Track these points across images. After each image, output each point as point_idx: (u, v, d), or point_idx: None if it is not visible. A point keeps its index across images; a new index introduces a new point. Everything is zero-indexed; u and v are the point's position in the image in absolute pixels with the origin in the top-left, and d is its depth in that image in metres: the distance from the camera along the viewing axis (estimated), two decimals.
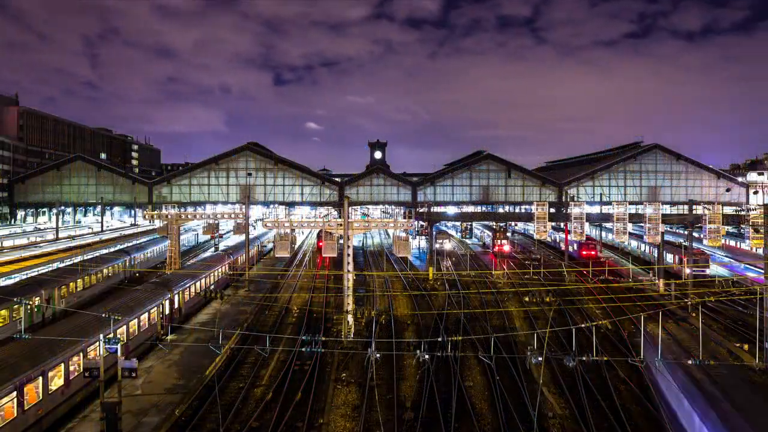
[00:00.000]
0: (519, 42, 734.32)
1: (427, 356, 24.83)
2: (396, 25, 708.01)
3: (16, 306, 36.05)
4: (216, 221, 71.43)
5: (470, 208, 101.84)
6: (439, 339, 32.09)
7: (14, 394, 21.82)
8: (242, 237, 68.23)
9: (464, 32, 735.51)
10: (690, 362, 24.66)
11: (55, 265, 51.38)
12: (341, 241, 43.77)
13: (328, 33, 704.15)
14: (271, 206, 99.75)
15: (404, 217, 71.87)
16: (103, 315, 28.27)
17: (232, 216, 65.99)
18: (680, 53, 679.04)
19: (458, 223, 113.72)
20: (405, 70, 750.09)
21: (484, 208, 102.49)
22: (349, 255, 41.11)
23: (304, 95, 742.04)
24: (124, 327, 31.71)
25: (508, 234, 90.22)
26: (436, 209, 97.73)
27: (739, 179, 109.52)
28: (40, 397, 23.64)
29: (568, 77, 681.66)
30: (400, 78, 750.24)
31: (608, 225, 67.40)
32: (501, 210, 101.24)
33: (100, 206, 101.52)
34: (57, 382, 24.99)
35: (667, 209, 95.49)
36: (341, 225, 41.85)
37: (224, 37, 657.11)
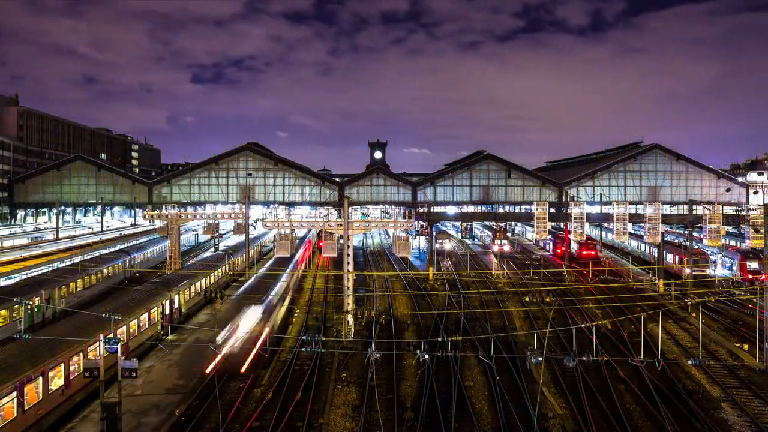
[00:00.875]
0: (415, 38, 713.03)
1: (427, 356, 24.83)
2: (280, 21, 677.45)
3: (16, 306, 36.04)
4: (216, 221, 71.41)
5: (470, 208, 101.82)
6: (439, 339, 32.09)
7: (14, 394, 21.83)
8: (242, 237, 68.21)
9: (353, 28, 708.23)
10: (690, 362, 24.66)
11: (55, 265, 51.37)
12: (341, 241, 43.78)
13: (219, 30, 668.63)
14: (271, 206, 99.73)
15: (404, 217, 71.87)
16: (103, 315, 28.26)
17: (232, 216, 65.99)
18: (576, 46, 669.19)
19: (458, 223, 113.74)
20: (315, 69, 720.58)
21: (484, 208, 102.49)
22: (349, 255, 41.11)
23: (225, 93, 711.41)
24: (124, 327, 31.71)
25: (508, 234, 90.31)
26: (436, 209, 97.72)
27: (739, 179, 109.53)
28: (40, 397, 23.64)
29: (485, 76, 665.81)
30: (311, 76, 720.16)
31: (608, 225, 67.40)
32: (501, 210, 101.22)
33: (100, 206, 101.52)
34: (57, 382, 24.98)
35: (667, 209, 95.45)
36: (341, 225, 41.86)
37: (116, 37, 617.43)
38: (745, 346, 36.45)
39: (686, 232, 61.34)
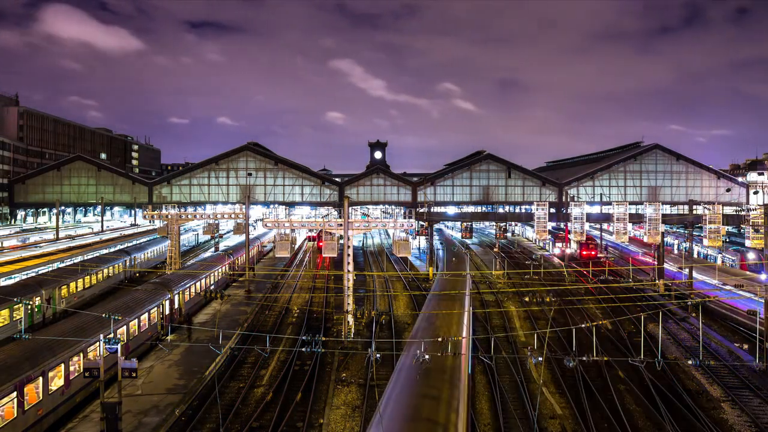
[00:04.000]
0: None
1: (427, 356, 24.77)
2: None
3: (16, 306, 36.05)
4: (216, 221, 71.36)
5: (470, 208, 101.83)
6: (440, 339, 32.03)
7: (14, 394, 21.83)
8: (242, 237, 68.17)
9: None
10: (690, 362, 24.66)
11: (55, 265, 51.38)
12: (341, 242, 43.79)
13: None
14: (271, 206, 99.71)
15: (404, 217, 71.85)
16: (104, 315, 28.28)
17: (232, 216, 65.99)
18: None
19: (458, 223, 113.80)
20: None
21: (484, 208, 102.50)
22: (349, 255, 41.11)
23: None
24: (125, 327, 31.72)
25: (508, 234, 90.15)
26: (436, 209, 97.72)
27: (739, 179, 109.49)
28: (41, 398, 23.64)
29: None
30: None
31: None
32: (501, 210, 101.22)
33: (100, 206, 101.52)
34: (57, 382, 24.99)
35: (667, 209, 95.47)
36: (341, 225, 41.85)
37: None
38: (745, 346, 36.45)
39: (686, 232, 61.31)
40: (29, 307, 37.79)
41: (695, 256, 67.75)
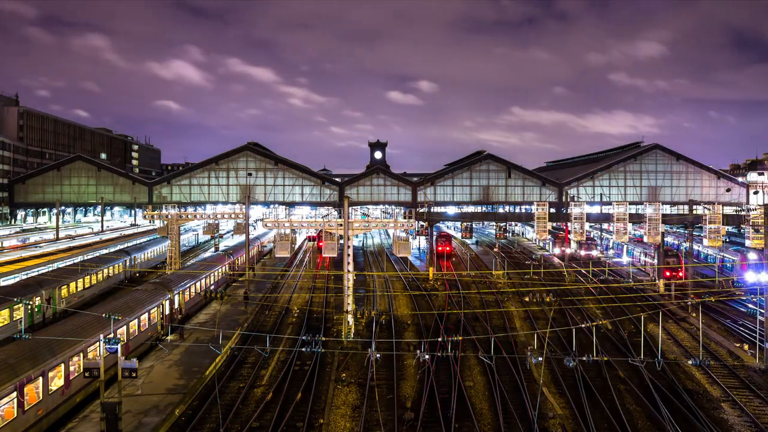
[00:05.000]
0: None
1: (427, 356, 24.82)
2: None
3: (16, 306, 36.05)
4: (216, 221, 71.35)
5: (470, 208, 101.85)
6: (439, 339, 32.09)
7: (14, 394, 21.83)
8: (242, 237, 68.16)
9: None
10: (690, 362, 24.66)
11: (55, 265, 51.35)
12: (341, 241, 43.80)
13: None
14: (272, 206, 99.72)
15: (404, 217, 71.83)
16: (103, 315, 28.28)
17: (232, 216, 66.00)
18: None
19: (458, 223, 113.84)
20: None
21: (484, 208, 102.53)
22: (349, 255, 41.11)
23: None
24: (125, 327, 31.71)
25: (507, 235, 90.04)
26: (436, 209, 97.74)
27: (739, 179, 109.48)
28: (41, 398, 23.64)
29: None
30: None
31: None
32: (501, 210, 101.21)
33: (100, 206, 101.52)
34: (57, 382, 24.98)
35: (667, 209, 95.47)
36: (341, 225, 41.85)
37: None
38: (745, 346, 36.45)
39: (686, 232, 61.32)
40: (29, 307, 37.78)
41: (695, 256, 67.72)
